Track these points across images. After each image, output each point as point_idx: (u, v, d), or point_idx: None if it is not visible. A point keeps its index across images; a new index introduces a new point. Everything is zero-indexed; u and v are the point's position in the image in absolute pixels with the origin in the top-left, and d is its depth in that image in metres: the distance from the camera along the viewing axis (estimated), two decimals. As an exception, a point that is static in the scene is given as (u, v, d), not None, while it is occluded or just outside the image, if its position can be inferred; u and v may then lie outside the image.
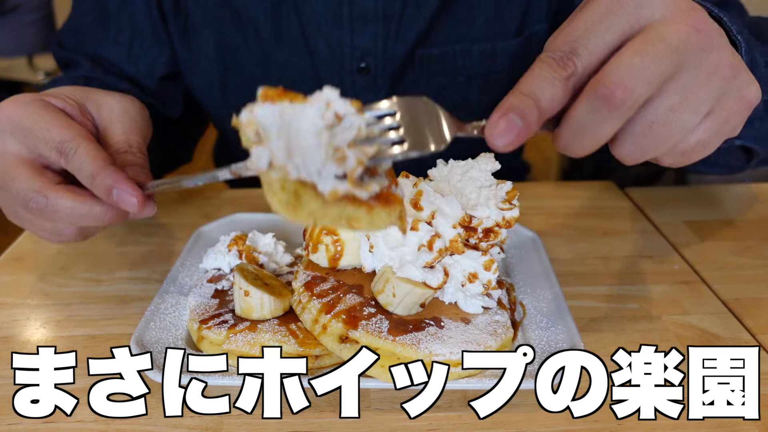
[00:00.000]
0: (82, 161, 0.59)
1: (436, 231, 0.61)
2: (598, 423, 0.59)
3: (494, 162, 0.65)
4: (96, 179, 0.58)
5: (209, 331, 0.63)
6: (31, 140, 0.62)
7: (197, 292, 0.70)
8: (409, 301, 0.61)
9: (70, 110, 0.66)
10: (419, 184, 0.63)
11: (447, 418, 0.59)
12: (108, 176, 0.58)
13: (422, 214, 0.62)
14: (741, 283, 0.82)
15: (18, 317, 0.74)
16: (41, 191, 0.61)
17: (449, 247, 0.61)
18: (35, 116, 0.62)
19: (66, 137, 0.61)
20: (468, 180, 0.64)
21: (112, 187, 0.57)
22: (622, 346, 0.69)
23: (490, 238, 0.62)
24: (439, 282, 0.62)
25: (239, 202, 1.03)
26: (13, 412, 0.56)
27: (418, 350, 0.57)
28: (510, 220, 0.63)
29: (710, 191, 1.11)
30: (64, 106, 0.66)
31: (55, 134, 0.61)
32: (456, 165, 0.67)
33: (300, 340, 0.62)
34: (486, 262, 0.63)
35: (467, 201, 0.63)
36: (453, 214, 0.61)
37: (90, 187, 0.60)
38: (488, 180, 0.64)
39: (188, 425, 0.58)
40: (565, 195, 1.07)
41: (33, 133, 0.61)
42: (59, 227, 0.66)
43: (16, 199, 0.62)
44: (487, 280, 0.63)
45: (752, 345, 0.69)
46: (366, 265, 0.66)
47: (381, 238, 0.63)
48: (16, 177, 0.62)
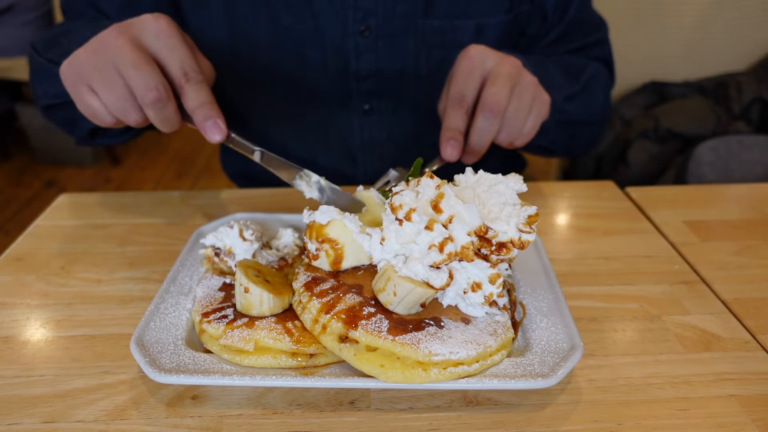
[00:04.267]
0: (200, 88, 0.75)
1: (450, 234, 0.62)
2: (598, 423, 0.59)
3: (522, 183, 0.67)
4: (204, 107, 0.75)
5: (209, 325, 0.64)
6: (169, 52, 0.75)
7: (206, 284, 0.71)
8: (409, 300, 0.61)
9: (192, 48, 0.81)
10: (442, 186, 0.63)
11: (447, 418, 0.59)
12: (212, 109, 0.75)
13: (440, 216, 0.62)
14: (741, 283, 0.82)
15: (18, 317, 0.74)
16: (164, 79, 0.74)
17: (460, 253, 0.62)
18: (181, 41, 0.76)
19: (196, 69, 0.77)
20: (494, 193, 0.65)
21: (210, 118, 0.75)
22: (622, 346, 0.70)
23: (502, 252, 0.63)
24: (442, 283, 0.62)
25: (239, 202, 1.03)
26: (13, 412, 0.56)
27: (418, 350, 0.57)
28: (525, 242, 0.63)
29: (710, 191, 1.11)
30: (192, 45, 0.81)
31: (192, 63, 0.76)
32: (484, 176, 0.68)
33: (295, 339, 0.62)
34: (492, 275, 0.63)
35: (488, 212, 0.64)
36: (471, 221, 0.62)
37: (193, 108, 0.75)
38: (513, 198, 0.66)
39: (188, 425, 0.58)
40: (565, 195, 1.07)
41: (175, 51, 0.75)
42: (127, 105, 0.76)
43: (117, 65, 0.73)
44: (489, 293, 0.63)
45: (752, 345, 0.70)
46: (374, 257, 0.66)
47: (393, 232, 0.64)
48: (148, 62, 0.74)
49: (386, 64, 1.06)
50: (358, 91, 1.09)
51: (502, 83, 0.81)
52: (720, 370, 0.66)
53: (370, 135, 1.15)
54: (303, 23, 1.02)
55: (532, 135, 0.89)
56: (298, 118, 1.15)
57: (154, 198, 1.04)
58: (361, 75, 1.07)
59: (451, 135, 0.83)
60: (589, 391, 0.63)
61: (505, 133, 0.86)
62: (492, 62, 0.84)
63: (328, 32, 1.03)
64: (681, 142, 1.86)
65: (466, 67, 0.84)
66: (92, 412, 0.60)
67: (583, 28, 1.14)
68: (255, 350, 0.61)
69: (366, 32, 1.03)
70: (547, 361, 0.61)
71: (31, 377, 0.65)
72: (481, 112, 0.82)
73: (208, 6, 1.03)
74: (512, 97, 0.83)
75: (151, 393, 0.62)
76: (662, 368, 0.66)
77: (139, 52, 0.74)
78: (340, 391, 0.63)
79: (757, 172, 1.69)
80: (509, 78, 0.82)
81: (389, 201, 0.65)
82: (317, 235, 0.68)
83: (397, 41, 1.04)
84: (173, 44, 0.76)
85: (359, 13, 1.01)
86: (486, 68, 0.84)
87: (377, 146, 1.17)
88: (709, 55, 2.02)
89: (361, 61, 1.05)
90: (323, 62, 1.06)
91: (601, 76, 1.12)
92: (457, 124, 0.83)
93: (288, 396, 0.62)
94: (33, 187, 3.42)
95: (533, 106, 0.86)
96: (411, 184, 0.67)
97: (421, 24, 1.03)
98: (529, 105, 0.85)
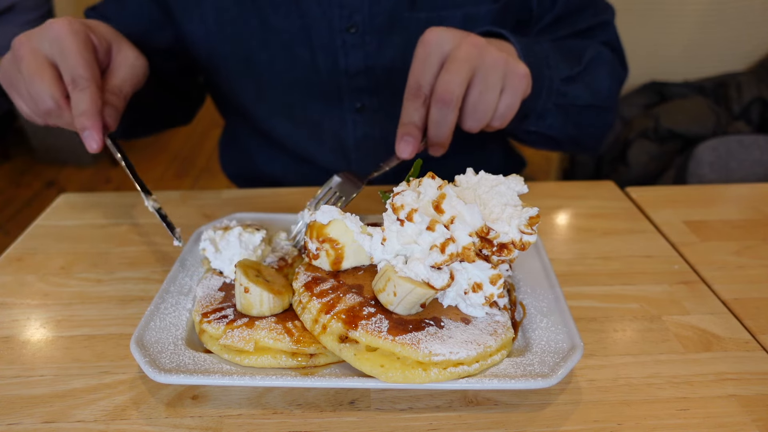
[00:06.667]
0: (82, 98, 0.78)
1: (452, 235, 0.62)
2: (598, 423, 0.59)
3: (523, 185, 0.67)
4: (81, 117, 0.78)
5: (209, 325, 0.64)
6: (61, 58, 0.80)
7: (206, 284, 0.71)
8: (409, 300, 0.61)
9: (99, 48, 0.84)
10: (444, 187, 0.63)
11: (447, 418, 0.59)
12: (88, 119, 0.78)
13: (442, 217, 0.62)
14: (741, 283, 0.82)
15: (18, 317, 0.74)
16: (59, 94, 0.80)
17: (461, 253, 0.62)
18: (74, 46, 0.79)
19: (84, 75, 0.79)
20: (495, 194, 0.66)
21: (84, 128, 0.78)
22: (622, 346, 0.70)
23: (503, 253, 0.63)
24: (443, 284, 0.62)
25: (239, 202, 1.03)
26: (13, 412, 0.56)
27: (418, 350, 0.57)
28: (526, 243, 0.63)
29: (710, 191, 1.11)
30: (98, 44, 0.84)
31: (79, 69, 0.79)
32: (486, 177, 0.68)
33: (295, 339, 0.62)
34: (493, 276, 0.63)
35: (489, 213, 0.64)
36: (472, 222, 0.62)
37: (74, 116, 0.79)
38: (514, 200, 0.66)
39: (188, 425, 0.58)
40: (565, 195, 1.07)
41: (66, 57, 0.79)
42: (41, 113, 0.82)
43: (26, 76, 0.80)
44: (490, 294, 0.63)
45: (752, 345, 0.70)
46: (375, 257, 0.66)
47: (395, 233, 0.64)
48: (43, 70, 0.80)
49: (375, 61, 1.06)
50: (350, 88, 1.09)
51: (456, 68, 0.74)
52: (720, 370, 0.66)
53: (363, 133, 1.15)
54: (291, 23, 1.03)
55: (511, 115, 0.81)
56: (291, 117, 1.15)
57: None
58: (351, 72, 1.07)
59: (406, 131, 0.78)
60: (589, 391, 0.63)
61: (472, 119, 0.80)
62: (449, 45, 0.76)
63: (316, 31, 1.03)
64: (681, 142, 1.86)
65: (422, 53, 0.78)
66: (92, 412, 0.60)
67: (587, 9, 1.10)
68: (255, 350, 0.61)
69: (352, 29, 1.03)
70: (547, 361, 0.61)
71: (31, 377, 0.65)
72: (433, 103, 0.76)
73: (198, 9, 1.04)
74: (474, 80, 0.76)
75: (151, 393, 0.62)
76: (662, 368, 0.66)
77: (37, 61, 0.79)
78: (340, 391, 0.63)
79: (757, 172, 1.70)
80: (466, 60, 0.75)
81: (390, 201, 0.65)
82: (317, 234, 0.68)
83: (384, 37, 1.04)
84: (64, 49, 0.79)
85: (345, 10, 1.01)
86: (444, 52, 0.77)
87: (371, 144, 1.17)
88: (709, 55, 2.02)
89: (349, 59, 1.05)
90: (313, 61, 1.06)
91: (605, 57, 1.05)
92: (411, 118, 0.78)
93: (288, 396, 0.62)
94: (33, 187, 3.42)
95: (506, 84, 0.78)
96: (412, 184, 0.67)
97: (407, 17, 1.03)
98: (497, 84, 0.77)
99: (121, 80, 0.86)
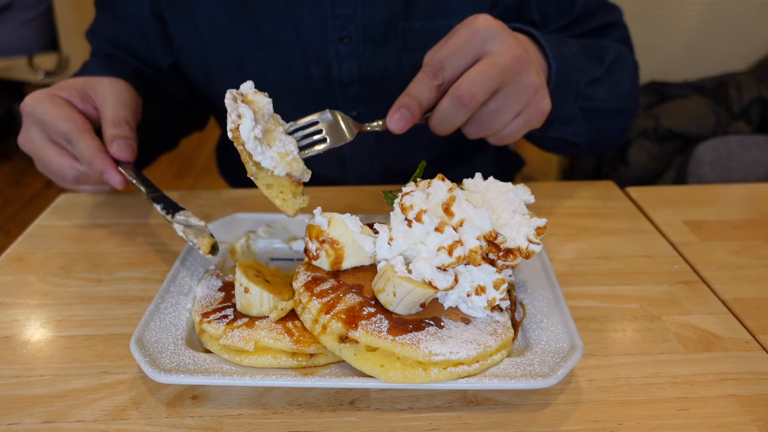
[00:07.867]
0: (82, 150, 0.81)
1: (460, 238, 0.62)
2: (598, 423, 0.59)
3: (530, 194, 0.68)
4: (90, 165, 0.81)
5: (209, 325, 0.64)
6: (46, 130, 0.83)
7: (206, 284, 0.72)
8: (409, 300, 0.61)
9: (73, 99, 0.85)
10: (454, 190, 0.63)
11: (447, 418, 0.59)
12: (96, 163, 0.80)
13: (452, 219, 0.62)
14: (741, 283, 0.82)
15: (18, 317, 0.74)
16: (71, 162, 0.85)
17: (468, 256, 0.62)
18: (46, 111, 0.82)
19: (69, 129, 0.81)
20: (503, 200, 0.66)
21: (103, 171, 0.81)
22: (622, 346, 0.70)
23: (509, 258, 0.63)
24: (447, 285, 0.62)
25: (239, 202, 1.03)
26: (13, 412, 0.56)
27: (418, 350, 0.57)
28: (531, 252, 0.64)
29: (710, 191, 1.11)
30: (69, 96, 0.85)
31: (62, 126, 0.81)
32: (494, 183, 0.69)
33: (295, 339, 0.62)
34: (497, 280, 0.63)
35: (497, 218, 0.65)
36: (482, 226, 0.62)
37: (88, 168, 0.82)
38: (522, 208, 0.67)
39: (188, 425, 0.58)
40: (565, 195, 1.07)
41: (46, 125, 0.82)
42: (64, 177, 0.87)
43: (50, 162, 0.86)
44: (492, 297, 0.64)
45: (752, 345, 0.70)
46: (379, 256, 0.66)
47: (402, 233, 0.64)
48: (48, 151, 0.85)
49: (369, 71, 1.05)
50: (344, 98, 1.08)
51: (491, 74, 0.69)
52: (720, 370, 0.66)
53: (359, 141, 1.15)
54: (284, 33, 1.02)
55: (511, 141, 0.80)
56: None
57: (154, 198, 1.04)
58: (344, 82, 1.06)
59: (407, 103, 0.70)
60: (589, 391, 0.63)
61: (476, 128, 0.77)
62: (496, 47, 0.71)
63: (309, 41, 1.03)
64: (681, 142, 1.86)
65: (463, 37, 0.71)
66: (92, 412, 0.60)
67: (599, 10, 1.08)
68: (255, 350, 0.61)
69: (346, 39, 1.02)
70: (547, 361, 0.61)
71: (30, 377, 0.65)
72: (449, 95, 0.70)
73: (192, 20, 1.04)
74: (498, 94, 0.73)
75: (151, 393, 0.62)
76: (662, 368, 0.66)
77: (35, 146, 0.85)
78: (340, 391, 0.62)
79: (757, 172, 1.69)
80: (503, 72, 0.70)
81: (399, 201, 0.65)
82: (317, 234, 0.68)
83: (377, 46, 1.03)
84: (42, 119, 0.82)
85: (338, 20, 1.00)
86: (486, 49, 0.71)
87: (367, 152, 1.16)
88: (709, 55, 2.02)
89: (343, 69, 1.04)
90: (306, 71, 1.05)
91: (626, 58, 1.03)
92: (420, 95, 0.71)
93: (288, 396, 0.62)
94: (33, 187, 3.42)
95: (523, 112, 0.76)
96: (420, 185, 0.67)
97: (401, 27, 1.02)
98: (516, 109, 0.75)
99: (113, 110, 0.85)
